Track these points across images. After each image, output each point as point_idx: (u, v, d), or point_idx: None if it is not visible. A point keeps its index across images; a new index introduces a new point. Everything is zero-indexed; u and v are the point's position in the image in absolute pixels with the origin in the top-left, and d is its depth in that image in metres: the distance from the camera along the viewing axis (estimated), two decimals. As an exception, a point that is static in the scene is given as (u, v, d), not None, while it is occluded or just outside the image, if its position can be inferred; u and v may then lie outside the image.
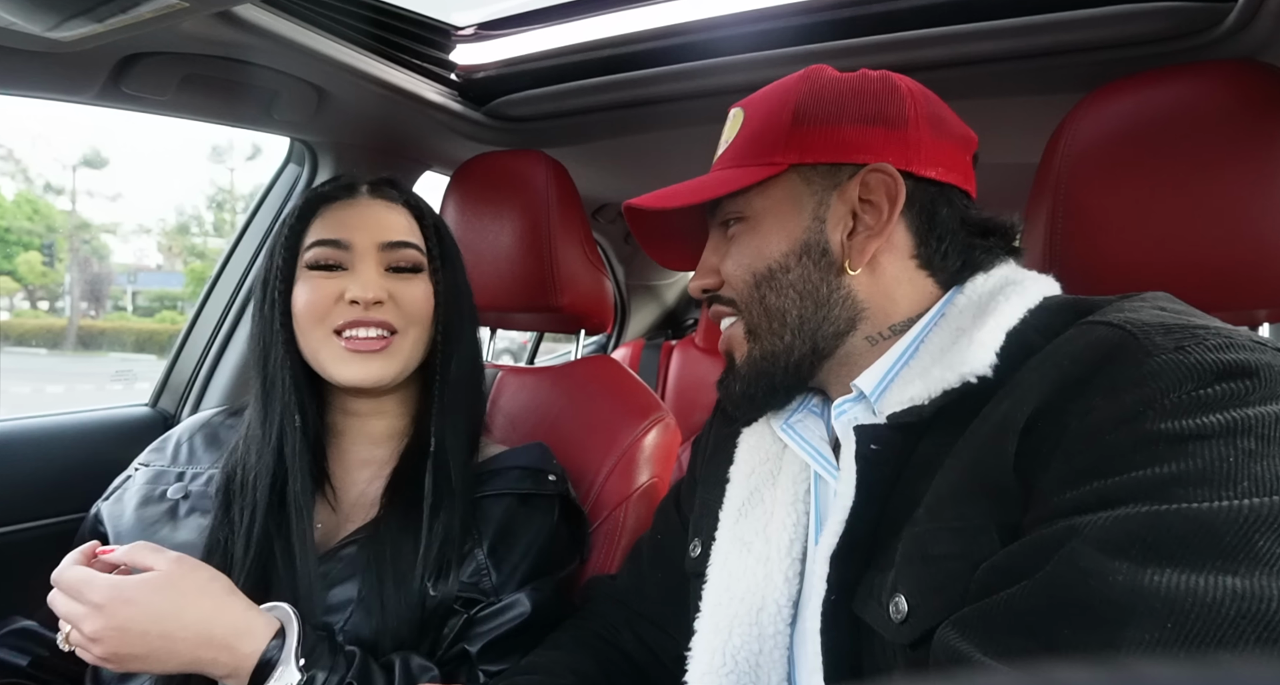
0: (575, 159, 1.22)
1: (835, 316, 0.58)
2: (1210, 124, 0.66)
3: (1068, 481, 0.39)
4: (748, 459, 0.67)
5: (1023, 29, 0.84)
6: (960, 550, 0.43)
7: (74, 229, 11.70)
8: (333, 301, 0.73)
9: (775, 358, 0.59)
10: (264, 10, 0.84)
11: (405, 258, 0.77)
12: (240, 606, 0.62)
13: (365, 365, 0.73)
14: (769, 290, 0.59)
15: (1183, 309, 0.45)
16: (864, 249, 0.57)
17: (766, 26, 0.96)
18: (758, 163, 0.59)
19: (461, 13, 1.10)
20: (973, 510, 0.44)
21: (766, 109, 0.61)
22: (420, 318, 0.77)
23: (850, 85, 0.59)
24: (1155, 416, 0.37)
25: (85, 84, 0.85)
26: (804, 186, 0.59)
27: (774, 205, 0.59)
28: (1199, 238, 0.66)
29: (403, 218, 0.79)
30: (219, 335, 1.22)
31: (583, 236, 1.08)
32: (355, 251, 0.75)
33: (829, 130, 0.57)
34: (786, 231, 0.59)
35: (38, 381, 6.93)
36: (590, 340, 2.29)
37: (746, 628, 0.58)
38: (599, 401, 1.01)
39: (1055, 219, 0.71)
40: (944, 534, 0.44)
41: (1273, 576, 0.31)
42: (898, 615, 0.45)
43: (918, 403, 0.50)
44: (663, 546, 0.75)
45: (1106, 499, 0.37)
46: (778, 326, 0.59)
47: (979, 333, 0.49)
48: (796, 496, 0.61)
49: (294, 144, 1.22)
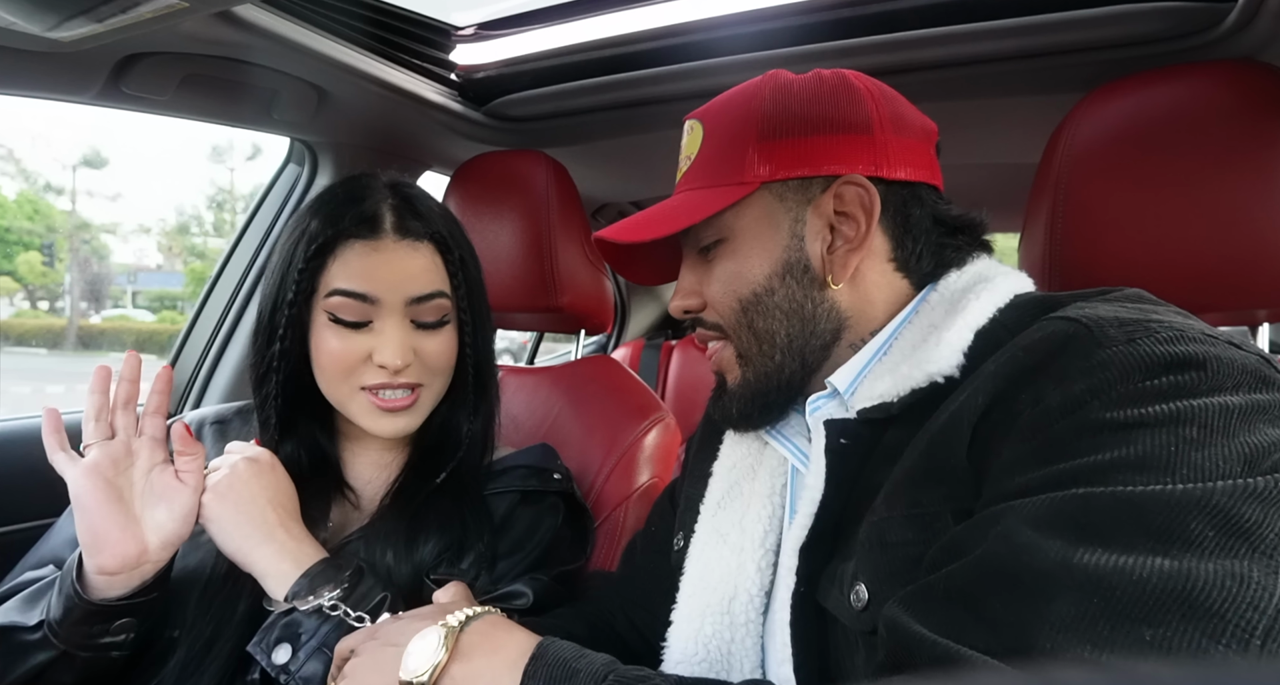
0: (575, 159, 1.22)
1: (821, 330, 0.58)
2: (1210, 124, 0.66)
3: (1014, 468, 0.40)
4: (730, 454, 0.68)
5: (1023, 29, 0.84)
6: (915, 536, 0.44)
7: (74, 229, 11.69)
8: (360, 360, 0.71)
9: (768, 379, 0.59)
10: (264, 10, 0.84)
11: (432, 311, 0.74)
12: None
13: (394, 421, 0.74)
14: (756, 315, 0.58)
15: (1149, 306, 0.45)
16: (846, 263, 0.57)
17: (766, 27, 0.96)
18: (728, 182, 0.58)
19: (461, 13, 1.10)
20: (928, 497, 0.44)
21: (729, 123, 0.59)
22: (445, 369, 0.77)
23: (811, 92, 0.58)
24: (1100, 406, 0.38)
25: (85, 84, 0.85)
26: (778, 204, 0.58)
27: (750, 225, 0.58)
28: (1199, 237, 0.66)
29: (428, 258, 0.74)
30: (219, 335, 1.22)
31: (583, 236, 1.08)
32: (383, 307, 0.71)
33: (796, 143, 0.57)
34: (766, 251, 0.58)
35: (38, 381, 6.93)
36: (590, 340, 2.29)
37: (719, 617, 0.59)
38: (599, 401, 1.01)
39: (1055, 219, 0.71)
40: (900, 521, 0.45)
41: (1203, 559, 0.32)
42: (858, 603, 0.46)
43: (886, 399, 0.51)
44: (655, 537, 0.76)
45: (1048, 483, 0.38)
46: (768, 348, 0.58)
47: (948, 333, 0.50)
48: (773, 489, 0.62)
49: (294, 144, 1.22)
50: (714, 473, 0.68)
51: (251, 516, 0.64)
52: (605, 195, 1.73)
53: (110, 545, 0.60)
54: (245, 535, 0.64)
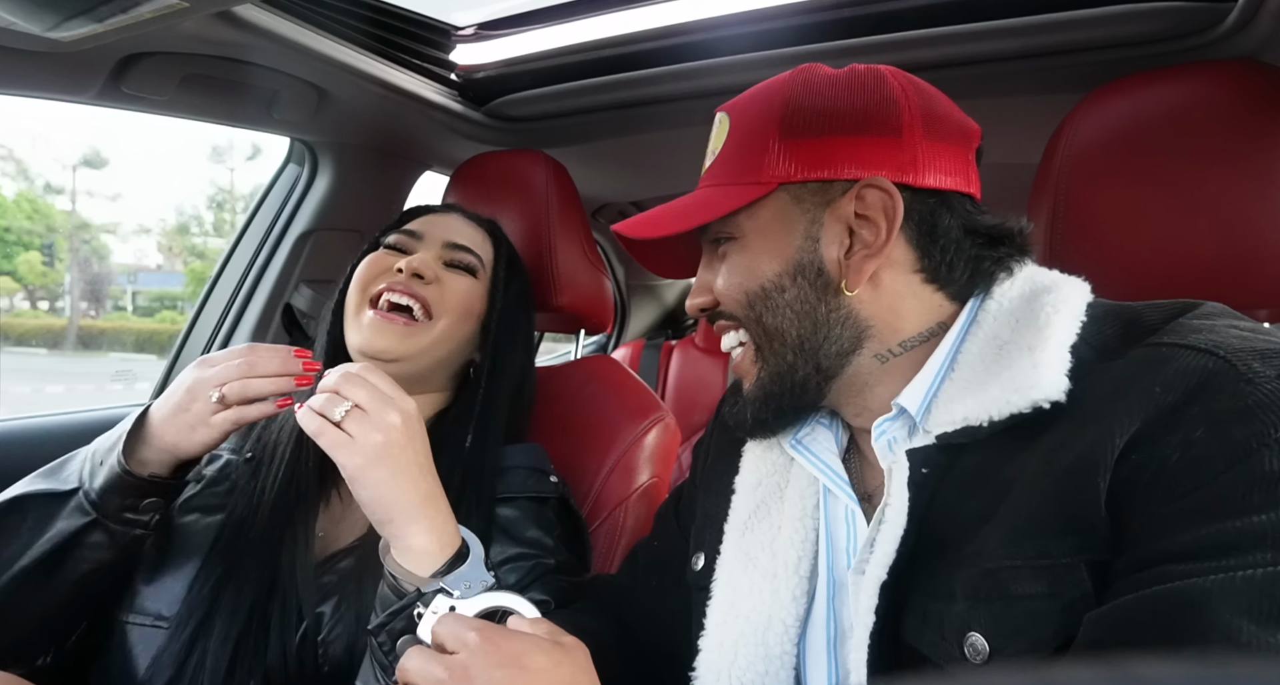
0: (575, 159, 1.22)
1: (837, 336, 0.55)
2: (1210, 124, 0.66)
3: (1176, 523, 0.37)
4: (754, 470, 0.64)
5: (1023, 29, 0.84)
6: (1046, 589, 0.41)
7: (74, 229, 11.69)
8: (385, 270, 0.79)
9: (781, 379, 0.57)
10: (264, 10, 0.84)
11: (464, 259, 0.83)
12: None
13: (385, 334, 0.75)
14: (764, 310, 0.56)
15: (1253, 325, 0.44)
16: (861, 269, 0.54)
17: (766, 27, 0.96)
18: (744, 181, 0.56)
19: (461, 13, 1.10)
20: (1058, 547, 0.41)
21: (751, 117, 0.58)
22: (457, 310, 0.80)
23: (841, 88, 0.56)
24: (1271, 455, 0.35)
25: (85, 84, 0.85)
26: (794, 205, 0.56)
27: (762, 226, 0.56)
28: (1199, 237, 0.66)
29: (479, 233, 0.87)
30: (219, 335, 1.22)
31: (583, 236, 1.08)
32: (424, 241, 0.83)
33: (818, 143, 0.54)
34: (777, 252, 0.56)
35: (38, 381, 6.93)
36: (590, 340, 2.28)
37: (753, 647, 0.56)
38: (599, 401, 1.01)
39: (1055, 219, 0.71)
40: (1028, 572, 0.42)
41: None
42: (976, 656, 0.43)
43: (973, 423, 0.47)
44: (660, 553, 0.73)
45: (1224, 545, 0.35)
46: (779, 346, 0.57)
47: (1041, 353, 0.46)
48: (804, 512, 0.59)
49: (294, 144, 1.22)
50: (736, 489, 0.64)
51: (406, 487, 0.59)
52: (605, 195, 1.73)
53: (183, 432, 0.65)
54: (400, 508, 0.59)
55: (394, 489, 0.59)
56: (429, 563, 0.58)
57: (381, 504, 0.59)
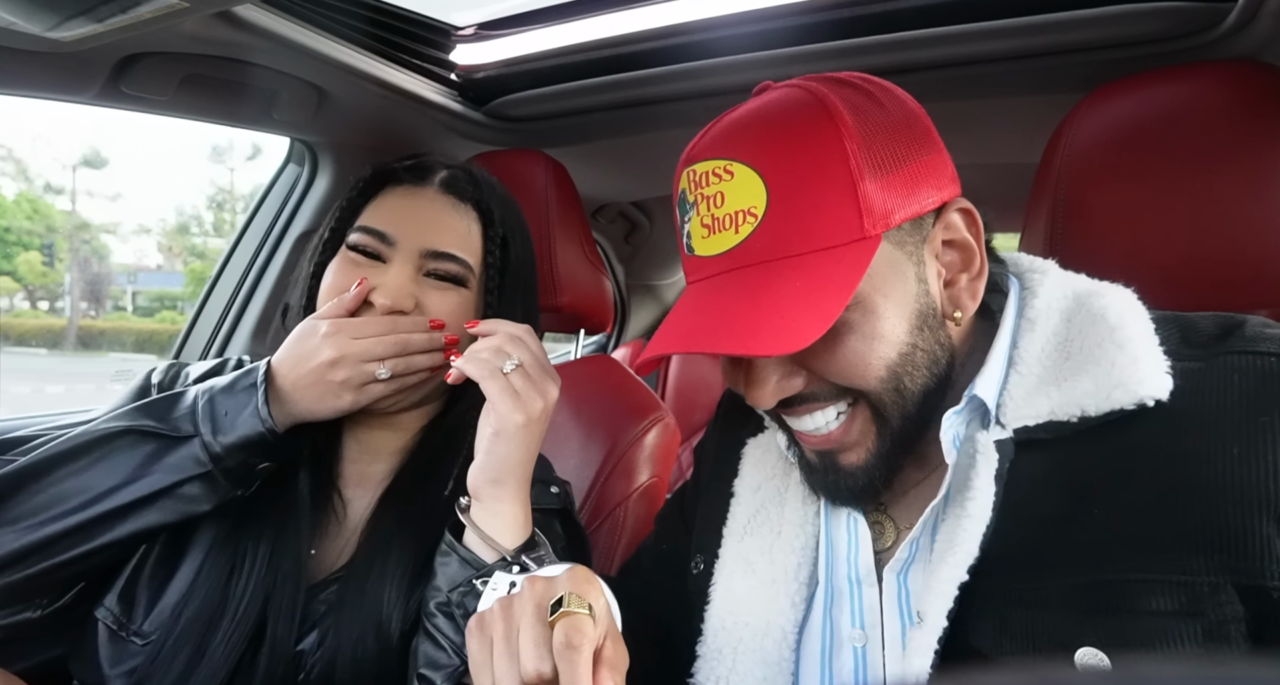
0: (575, 159, 1.22)
1: (944, 370, 0.53)
2: (1210, 124, 0.66)
3: None
4: (754, 474, 0.63)
5: (1023, 29, 0.84)
6: (1182, 607, 0.40)
7: (74, 229, 11.70)
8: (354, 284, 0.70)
9: (905, 436, 0.53)
10: (264, 10, 0.84)
11: (447, 269, 0.71)
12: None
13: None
14: (905, 376, 0.51)
15: None
16: (975, 292, 0.52)
17: (766, 26, 0.96)
18: (836, 242, 0.48)
19: (461, 13, 1.10)
20: (1203, 564, 0.40)
21: (806, 164, 0.48)
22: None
23: (886, 109, 0.51)
24: None
25: (85, 84, 0.85)
26: (898, 251, 0.50)
27: (879, 283, 0.49)
28: (1199, 237, 0.66)
29: (464, 222, 0.73)
30: (219, 335, 1.22)
31: (583, 236, 1.08)
32: (398, 248, 0.70)
33: (903, 174, 0.49)
34: (900, 306, 0.50)
35: (38, 381, 6.93)
36: (590, 340, 2.28)
37: (750, 654, 0.56)
38: (599, 401, 1.01)
39: (1055, 219, 0.71)
40: (1161, 587, 0.41)
41: None
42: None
43: (1059, 418, 0.46)
44: (667, 556, 0.71)
45: None
46: (907, 406, 0.52)
47: (1137, 349, 0.46)
48: (806, 518, 0.58)
49: (294, 144, 1.22)
50: (736, 493, 0.63)
51: (527, 459, 0.62)
52: (605, 195, 1.73)
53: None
54: (514, 474, 0.61)
55: (523, 454, 0.61)
56: (509, 535, 0.60)
57: (506, 464, 0.61)
